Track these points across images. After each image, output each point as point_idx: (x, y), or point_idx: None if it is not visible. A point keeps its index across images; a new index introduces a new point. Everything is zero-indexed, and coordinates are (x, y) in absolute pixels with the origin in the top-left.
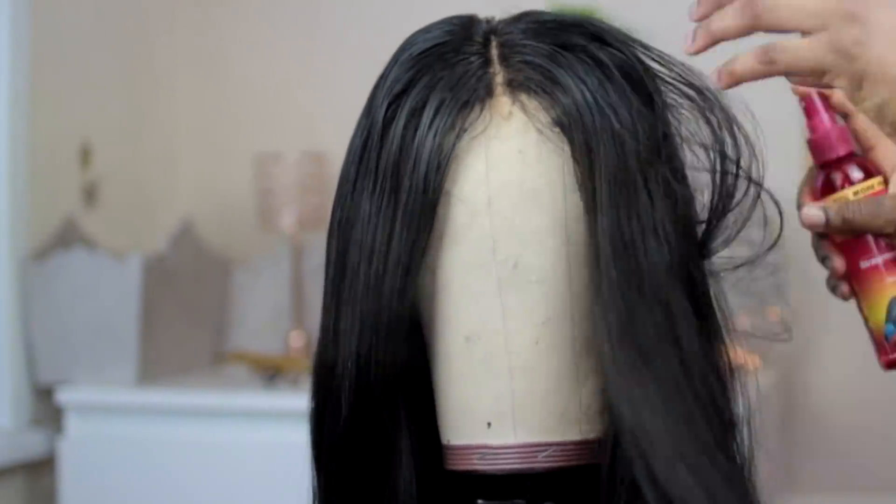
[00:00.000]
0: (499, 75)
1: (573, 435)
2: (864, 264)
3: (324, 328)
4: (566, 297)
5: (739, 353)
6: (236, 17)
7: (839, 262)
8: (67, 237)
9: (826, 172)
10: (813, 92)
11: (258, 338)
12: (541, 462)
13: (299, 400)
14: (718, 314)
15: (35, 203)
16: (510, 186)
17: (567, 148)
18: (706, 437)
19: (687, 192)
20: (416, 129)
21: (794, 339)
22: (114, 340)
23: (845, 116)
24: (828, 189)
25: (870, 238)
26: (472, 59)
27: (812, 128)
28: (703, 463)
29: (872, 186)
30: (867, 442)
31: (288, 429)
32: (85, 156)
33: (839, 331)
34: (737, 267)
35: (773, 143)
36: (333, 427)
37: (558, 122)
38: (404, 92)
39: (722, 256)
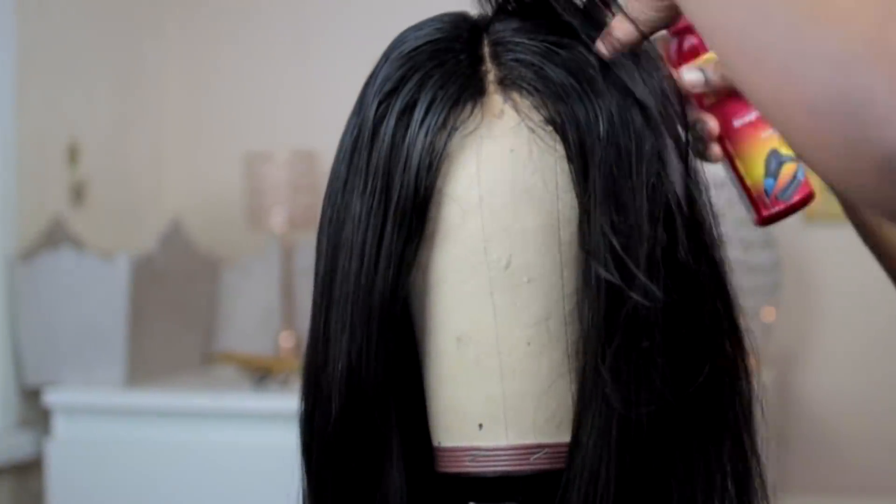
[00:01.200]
0: (490, 73)
1: (565, 437)
2: (737, 122)
3: (314, 328)
4: (558, 298)
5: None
6: (225, 14)
7: (713, 123)
8: (55, 237)
9: (680, 39)
10: None
11: (247, 338)
12: (533, 464)
13: (289, 401)
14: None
15: (22, 202)
16: (502, 185)
17: (560, 147)
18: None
19: (682, 192)
20: (407, 128)
21: (787, 340)
22: (101, 341)
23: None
24: (689, 54)
25: (742, 96)
26: (463, 56)
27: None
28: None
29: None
30: (861, 443)
31: (278, 430)
32: (72, 155)
33: (833, 331)
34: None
35: None
36: (323, 428)
37: (551, 121)
38: (395, 90)
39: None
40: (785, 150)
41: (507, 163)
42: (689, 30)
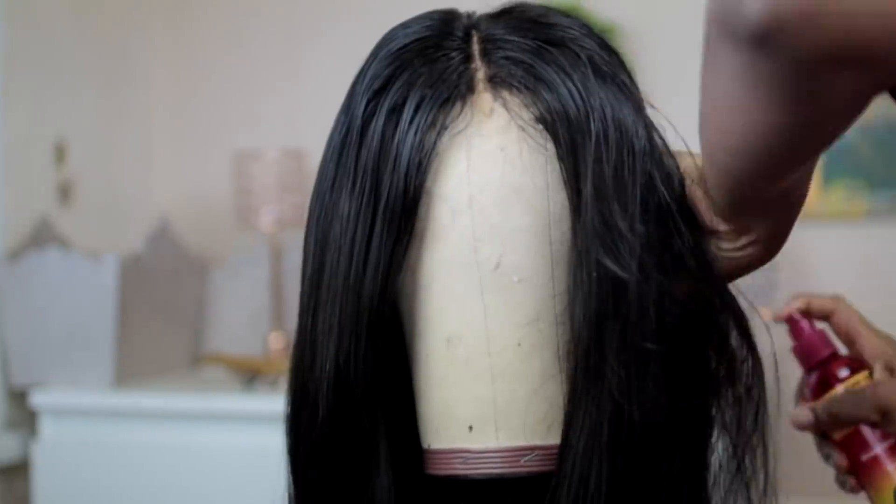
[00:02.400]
0: (480, 71)
1: (557, 438)
2: (864, 457)
3: (301, 329)
4: (549, 298)
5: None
6: (213, 12)
7: (841, 459)
8: (42, 237)
9: (815, 376)
10: (793, 309)
11: (236, 339)
12: (523, 466)
13: (278, 403)
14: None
15: (8, 202)
16: (492, 184)
17: (550, 146)
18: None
19: (675, 192)
20: (396, 126)
21: (784, 340)
22: (89, 342)
23: (826, 318)
24: (819, 391)
25: (865, 430)
26: (453, 54)
27: (796, 337)
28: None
29: (859, 381)
30: None
31: (267, 432)
32: (59, 154)
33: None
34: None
35: None
36: (310, 430)
37: (541, 120)
38: (384, 88)
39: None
40: None
41: (497, 162)
42: (820, 366)
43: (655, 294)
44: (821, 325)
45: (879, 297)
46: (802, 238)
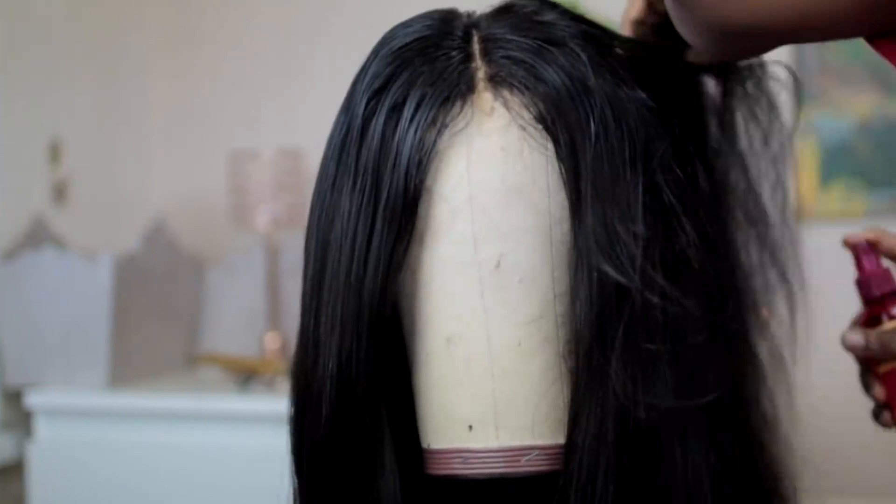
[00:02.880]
0: (480, 70)
1: (558, 438)
2: None
3: (303, 329)
4: (550, 298)
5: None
6: (209, 10)
7: (880, 391)
8: (37, 237)
9: (870, 308)
10: (862, 240)
11: (232, 339)
12: (524, 466)
13: (274, 403)
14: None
15: (3, 202)
16: (492, 184)
17: (551, 145)
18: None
19: (677, 190)
20: (396, 125)
21: (784, 339)
22: (84, 342)
23: (894, 258)
24: (871, 324)
25: None
26: (454, 53)
27: (859, 269)
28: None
29: None
30: (857, 444)
31: (263, 433)
32: (54, 153)
33: (828, 331)
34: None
35: None
36: (314, 431)
37: (541, 119)
38: (384, 87)
39: None
40: None
41: (497, 161)
42: (877, 301)
43: (658, 295)
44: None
45: None
46: (801, 238)
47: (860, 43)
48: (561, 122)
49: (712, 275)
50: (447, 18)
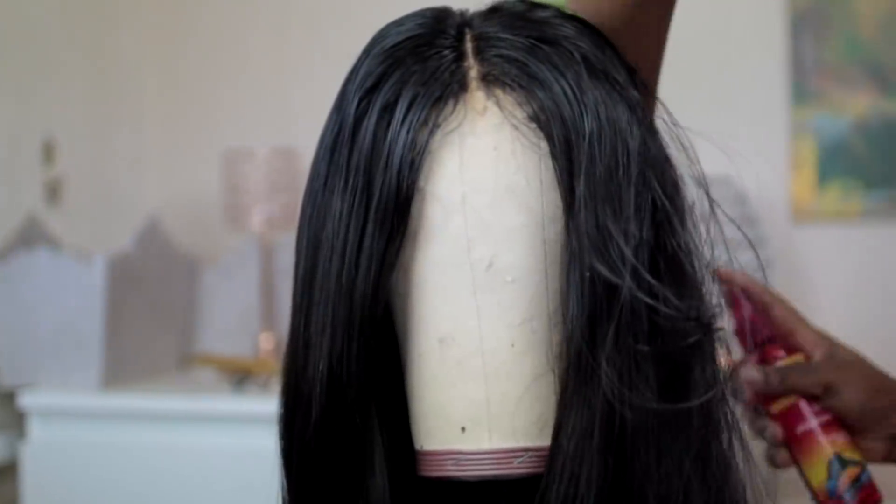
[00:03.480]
0: (473, 69)
1: (549, 440)
2: (799, 430)
3: (294, 329)
4: (542, 299)
5: (722, 356)
6: (204, 9)
7: (776, 430)
8: (30, 236)
9: (755, 355)
10: (735, 285)
11: (227, 340)
12: (516, 468)
13: (269, 404)
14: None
15: None
16: (485, 183)
17: (544, 144)
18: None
19: (670, 192)
20: (388, 125)
21: None
22: (78, 343)
23: (765, 306)
24: (768, 360)
25: (803, 404)
26: (446, 52)
27: (736, 318)
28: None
29: (798, 361)
30: None
31: (257, 434)
32: (48, 152)
33: (828, 328)
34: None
35: (761, 145)
36: (304, 431)
37: (534, 118)
38: (376, 86)
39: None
40: (849, 455)
41: (490, 160)
42: (758, 347)
43: (648, 297)
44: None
45: (875, 298)
46: (797, 238)
47: (858, 42)
48: (554, 121)
49: (702, 276)
50: (440, 17)
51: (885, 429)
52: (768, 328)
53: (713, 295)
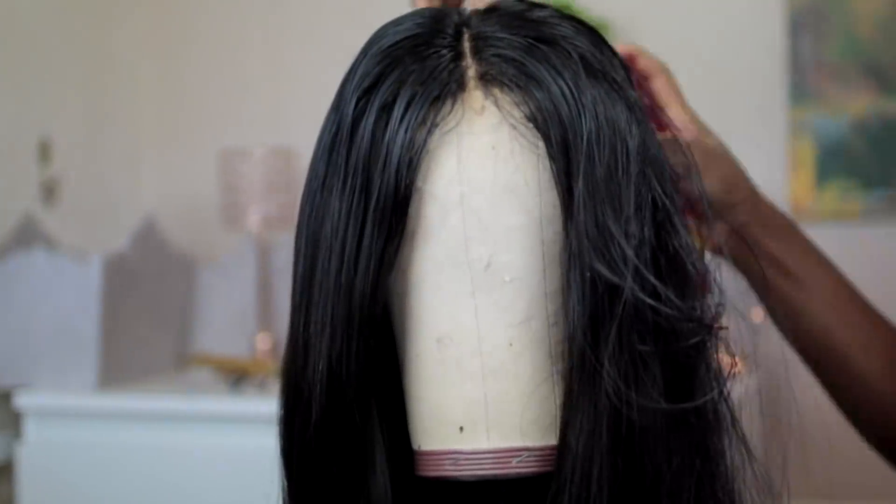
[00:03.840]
0: (471, 69)
1: (549, 439)
2: None
3: (293, 330)
4: (541, 298)
5: (724, 356)
6: (199, 9)
7: None
8: (26, 236)
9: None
10: (625, 52)
11: (223, 340)
12: (515, 467)
13: (266, 404)
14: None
15: None
16: (483, 183)
17: (542, 144)
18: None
19: (670, 191)
20: (386, 125)
21: (777, 341)
22: (74, 343)
23: (646, 74)
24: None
25: None
26: (444, 52)
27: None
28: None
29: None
30: (852, 446)
31: (254, 434)
32: (44, 152)
33: None
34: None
35: (759, 145)
36: (304, 432)
37: (532, 118)
38: (374, 86)
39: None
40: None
41: (488, 160)
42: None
43: (650, 297)
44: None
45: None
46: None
47: (857, 42)
48: (552, 121)
49: (703, 275)
50: (438, 16)
51: (729, 222)
52: (645, 98)
53: (715, 294)
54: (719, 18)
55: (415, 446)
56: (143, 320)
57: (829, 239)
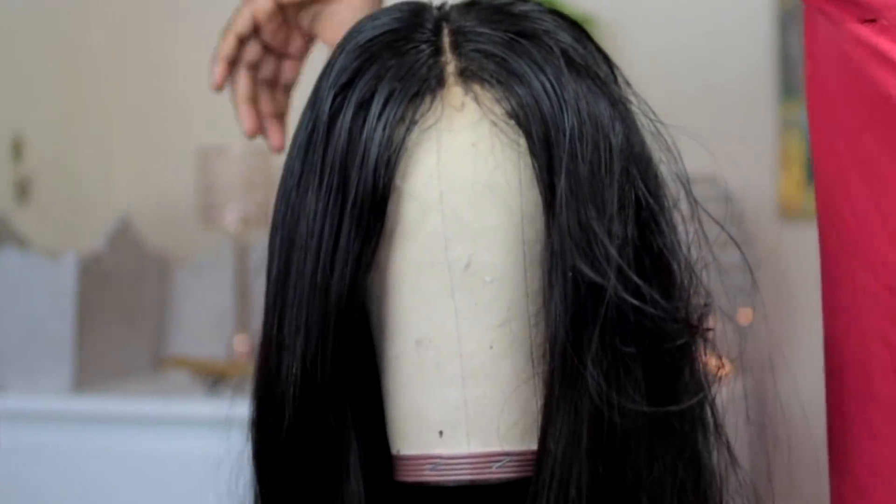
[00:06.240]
0: (451, 64)
1: (529, 444)
2: None
3: (266, 331)
4: (522, 299)
5: (710, 359)
6: (176, 4)
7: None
8: None
9: None
10: None
11: (200, 342)
12: (495, 472)
13: (243, 407)
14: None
15: None
16: (462, 182)
17: (523, 141)
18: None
19: (654, 189)
20: (363, 122)
21: (766, 344)
22: (47, 345)
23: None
24: None
25: None
26: (423, 47)
27: None
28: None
29: None
30: None
31: (232, 437)
32: (17, 149)
33: (813, 333)
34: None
35: (748, 142)
36: (277, 435)
37: (513, 115)
38: (351, 82)
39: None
40: None
41: (468, 158)
42: None
43: (634, 297)
44: None
45: None
46: (785, 237)
47: None
48: (533, 118)
49: (688, 275)
50: (417, 10)
51: None
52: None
53: (700, 295)
54: (708, 14)
55: (393, 451)
56: (119, 321)
57: (817, 237)
